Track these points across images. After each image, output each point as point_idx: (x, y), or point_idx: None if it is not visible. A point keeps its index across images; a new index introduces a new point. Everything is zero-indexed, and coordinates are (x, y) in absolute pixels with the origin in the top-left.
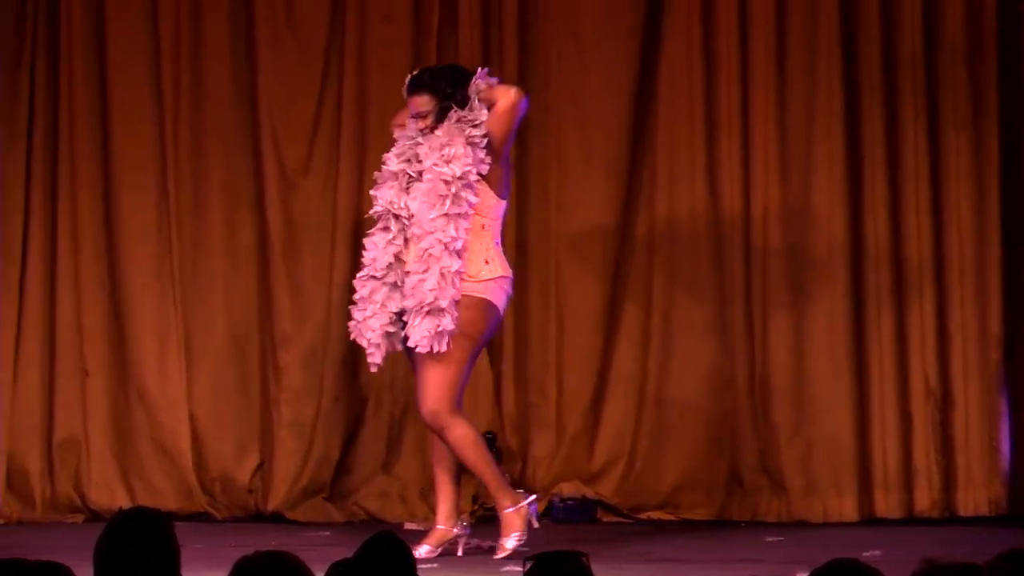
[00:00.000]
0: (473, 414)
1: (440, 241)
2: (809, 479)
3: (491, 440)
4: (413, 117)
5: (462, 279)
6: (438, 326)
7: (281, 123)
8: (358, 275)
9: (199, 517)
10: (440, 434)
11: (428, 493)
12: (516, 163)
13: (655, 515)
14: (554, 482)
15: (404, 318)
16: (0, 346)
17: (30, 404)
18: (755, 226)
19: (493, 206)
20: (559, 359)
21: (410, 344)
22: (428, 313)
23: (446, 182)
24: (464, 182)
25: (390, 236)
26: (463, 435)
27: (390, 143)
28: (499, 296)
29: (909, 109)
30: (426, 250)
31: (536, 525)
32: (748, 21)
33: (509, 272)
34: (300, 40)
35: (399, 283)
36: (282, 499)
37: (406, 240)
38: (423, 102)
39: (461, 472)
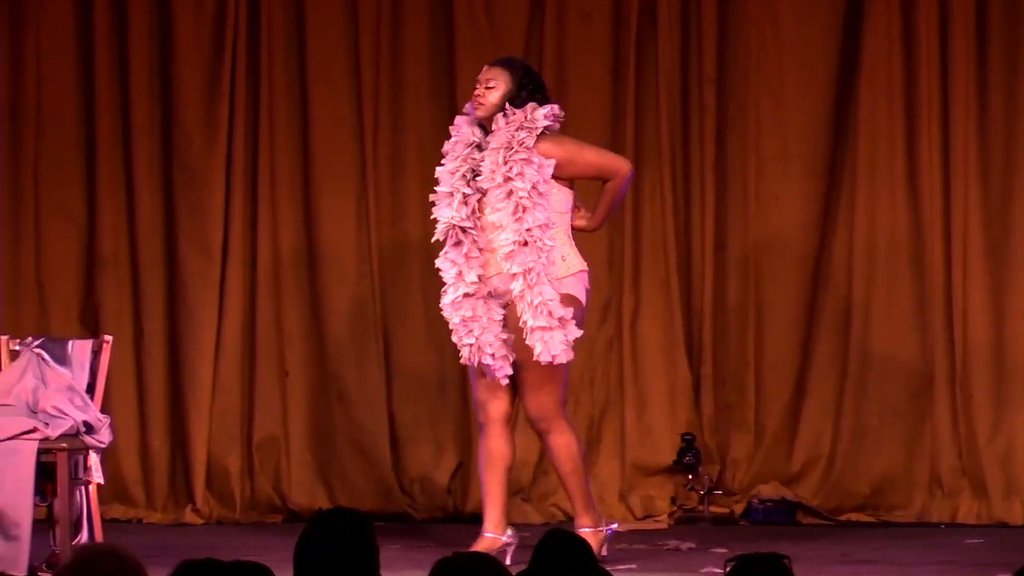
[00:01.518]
0: (672, 415)
1: (541, 251)
2: (1009, 480)
3: (689, 442)
4: (478, 84)
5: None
6: (567, 335)
7: None
8: (446, 299)
9: (398, 517)
10: (544, 436)
11: (627, 494)
12: (715, 160)
13: (854, 517)
14: (753, 483)
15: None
16: (200, 347)
17: (230, 404)
18: (956, 224)
19: (562, 200)
20: (758, 359)
21: (545, 358)
22: (557, 325)
23: (520, 199)
24: (536, 193)
25: (465, 250)
26: (567, 443)
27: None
28: (579, 290)
29: None
30: (532, 262)
31: (604, 554)
32: (948, 14)
33: (585, 265)
34: (499, 40)
35: (492, 292)
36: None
37: (480, 251)
38: (498, 74)
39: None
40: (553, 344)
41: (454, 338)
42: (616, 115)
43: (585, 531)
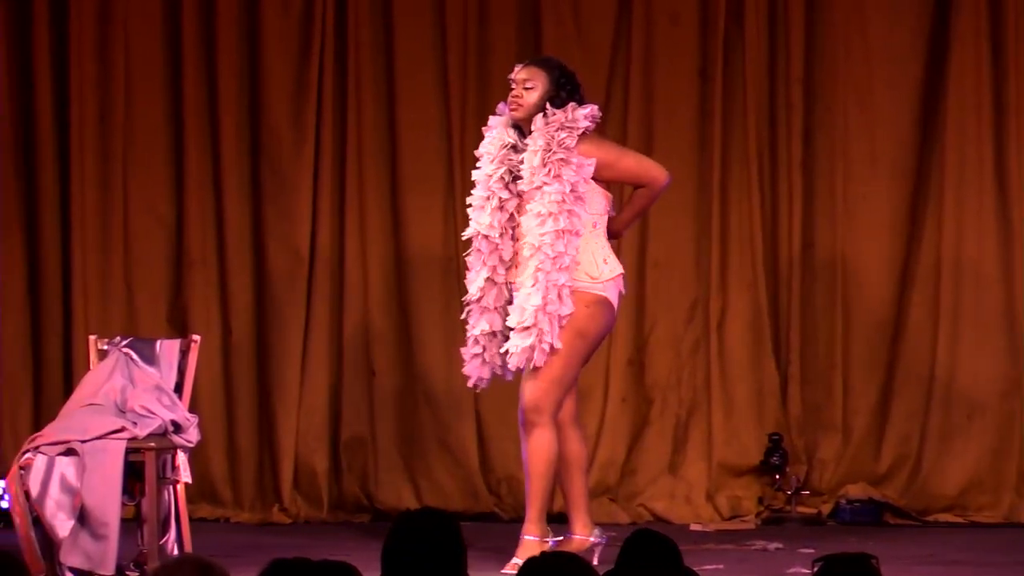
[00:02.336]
0: (759, 415)
1: (548, 256)
2: None
3: (777, 442)
4: (513, 87)
5: (577, 289)
6: (528, 342)
7: None
8: (464, 299)
9: (485, 517)
10: (528, 428)
11: (714, 495)
12: (802, 160)
13: (942, 517)
14: (840, 483)
15: (506, 336)
16: (288, 346)
17: (317, 404)
18: None
19: (601, 203)
20: (845, 359)
21: (510, 364)
22: (522, 330)
23: (557, 201)
24: (575, 195)
25: (482, 257)
26: (546, 444)
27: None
28: (615, 295)
29: None
30: (536, 267)
31: (596, 563)
32: None
33: (621, 268)
34: (585, 41)
35: (491, 306)
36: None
37: (502, 260)
38: (535, 74)
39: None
40: (515, 344)
41: None
42: (703, 116)
43: (530, 539)
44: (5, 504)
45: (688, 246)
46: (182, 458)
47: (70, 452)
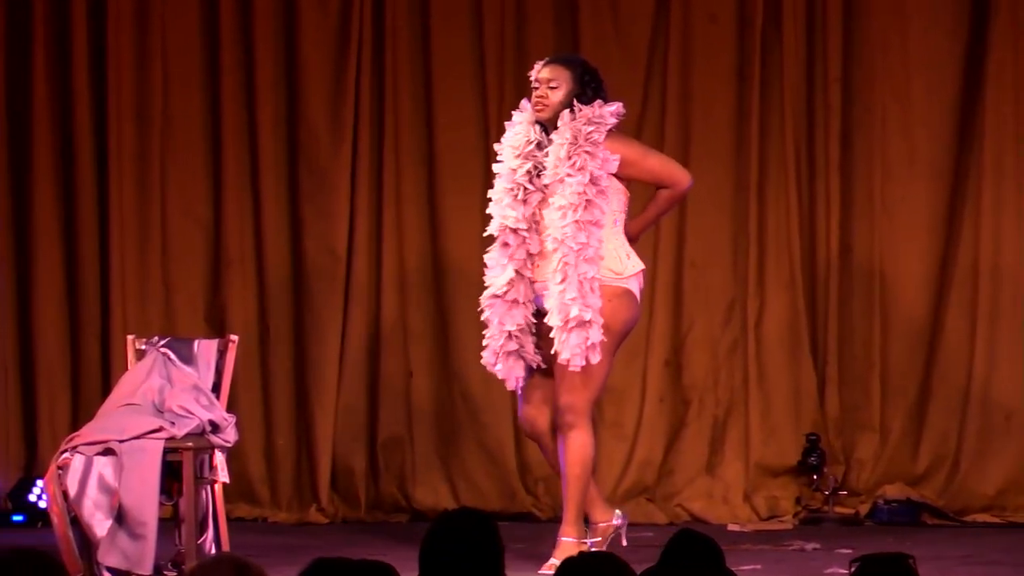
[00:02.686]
0: (797, 415)
1: (572, 249)
2: None
3: (814, 442)
4: (537, 85)
5: (601, 282)
6: (587, 339)
7: None
8: (483, 296)
9: (522, 517)
10: (565, 429)
11: (751, 495)
12: (840, 161)
13: (980, 518)
14: (878, 484)
15: (533, 331)
16: (325, 346)
17: (355, 404)
18: None
19: (623, 200)
20: (883, 359)
21: (561, 361)
22: (576, 327)
23: (578, 193)
24: (597, 188)
25: (509, 251)
26: (585, 444)
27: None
28: (638, 288)
29: None
30: (561, 259)
31: (625, 544)
32: None
33: (643, 264)
34: (623, 41)
35: (520, 300)
36: (605, 499)
37: (529, 254)
38: (559, 73)
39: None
40: (568, 346)
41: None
42: (741, 116)
43: (568, 540)
44: (43, 504)
45: (726, 247)
46: (220, 458)
47: (108, 452)
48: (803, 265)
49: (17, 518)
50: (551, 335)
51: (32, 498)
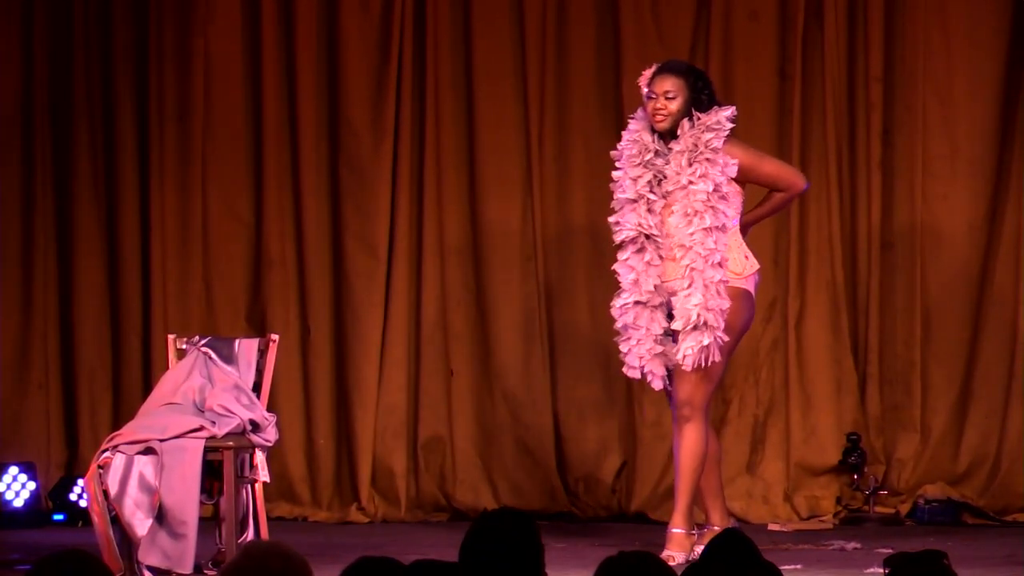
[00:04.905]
0: (837, 415)
1: (700, 255)
2: None
3: (855, 442)
4: (653, 97)
5: (727, 282)
6: (700, 342)
7: None
8: (617, 303)
9: (562, 517)
10: (680, 423)
11: (792, 494)
12: (881, 159)
13: (1021, 517)
14: (919, 483)
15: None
16: (366, 346)
17: (396, 403)
18: None
19: (740, 200)
20: (924, 358)
21: (678, 360)
22: (692, 330)
23: (703, 200)
24: (719, 195)
25: (647, 258)
26: (699, 439)
27: (614, 158)
28: (754, 287)
29: None
30: (688, 265)
31: (694, 558)
32: None
33: (759, 264)
34: (665, 39)
35: (658, 304)
36: (645, 499)
37: (661, 259)
38: (676, 84)
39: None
40: (683, 347)
41: (616, 340)
42: (782, 114)
43: (678, 532)
44: (84, 503)
45: (767, 245)
46: (260, 457)
47: (149, 451)
48: (844, 263)
49: (58, 517)
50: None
51: (73, 497)
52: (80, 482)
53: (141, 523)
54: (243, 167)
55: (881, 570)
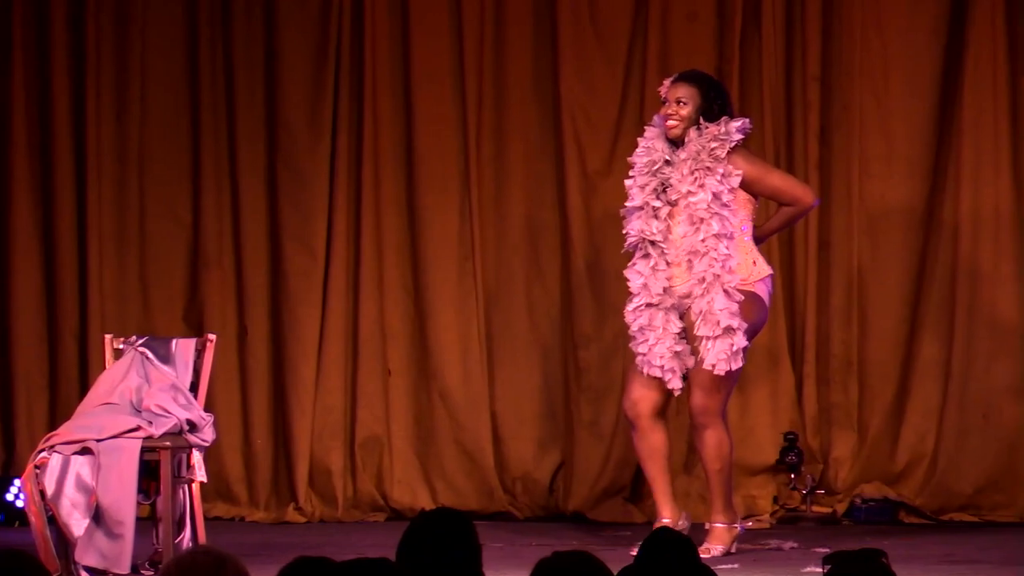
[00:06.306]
0: (775, 414)
1: (716, 260)
2: None
3: (792, 441)
4: (667, 102)
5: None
6: (732, 346)
7: (583, 124)
8: (630, 307)
9: (500, 516)
10: (701, 430)
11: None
12: (819, 159)
13: (957, 516)
14: (856, 483)
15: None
16: (303, 346)
17: (333, 403)
18: None
19: (750, 208)
20: (861, 358)
21: (706, 366)
22: (723, 335)
23: (705, 208)
24: (720, 203)
25: (652, 263)
26: (721, 441)
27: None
28: (765, 292)
29: None
30: (705, 271)
31: (734, 551)
32: None
33: (771, 269)
34: (602, 39)
35: (669, 306)
36: (583, 499)
37: (668, 264)
38: (688, 91)
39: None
40: (714, 353)
41: (631, 345)
42: None
43: (719, 527)
44: (21, 503)
45: None
46: (197, 457)
47: (85, 451)
48: (781, 263)
49: None
50: (694, 343)
51: (9, 497)
52: (17, 482)
53: (78, 523)
54: (180, 167)
55: (818, 569)
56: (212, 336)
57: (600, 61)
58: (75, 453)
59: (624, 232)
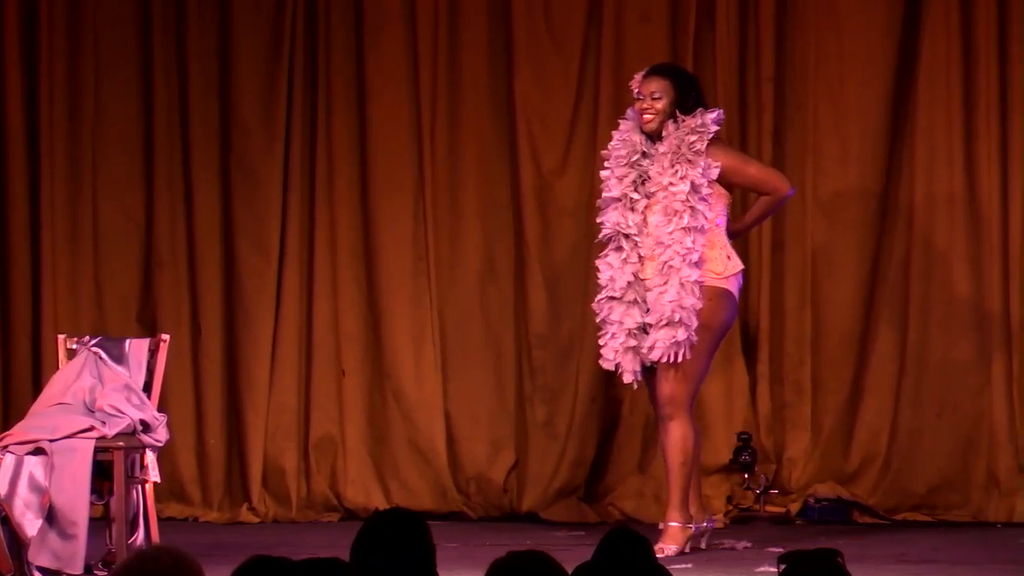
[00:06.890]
0: (728, 414)
1: (678, 253)
2: None
3: (746, 441)
4: (640, 98)
5: (703, 283)
6: (674, 337)
7: (537, 124)
8: (596, 299)
9: (454, 516)
10: (666, 422)
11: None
12: (772, 159)
13: (911, 516)
14: (809, 482)
15: (647, 330)
16: (257, 346)
17: (287, 403)
18: (1013, 226)
19: (724, 203)
20: (815, 358)
21: (651, 356)
22: (666, 325)
23: (682, 200)
24: (698, 196)
25: (624, 255)
26: (685, 435)
27: (602, 159)
28: (736, 288)
29: None
30: (665, 262)
31: (703, 547)
32: (1007, 17)
33: (742, 264)
34: (556, 39)
35: (638, 300)
36: (537, 499)
37: (640, 258)
38: (662, 85)
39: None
40: (656, 341)
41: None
42: None
43: (674, 526)
44: None
45: None
46: (151, 457)
47: (39, 451)
48: None
49: None
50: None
51: None
52: None
53: (31, 523)
54: (134, 166)
55: (772, 569)
56: (166, 336)
57: (554, 62)
58: (28, 453)
59: (599, 222)
